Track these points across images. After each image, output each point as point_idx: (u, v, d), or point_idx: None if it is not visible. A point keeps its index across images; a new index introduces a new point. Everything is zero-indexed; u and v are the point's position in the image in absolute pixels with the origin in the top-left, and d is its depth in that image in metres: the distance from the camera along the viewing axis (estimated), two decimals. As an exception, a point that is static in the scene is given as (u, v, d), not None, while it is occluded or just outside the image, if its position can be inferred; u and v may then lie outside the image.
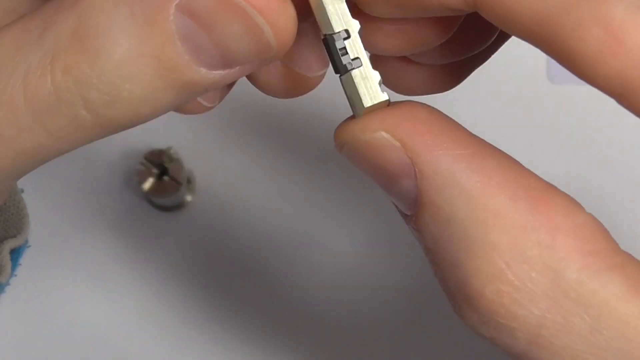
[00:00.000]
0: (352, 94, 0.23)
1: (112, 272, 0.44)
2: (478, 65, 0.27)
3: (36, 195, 0.43)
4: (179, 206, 0.45)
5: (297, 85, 0.26)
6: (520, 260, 0.20)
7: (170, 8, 0.21)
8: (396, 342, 0.42)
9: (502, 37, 0.26)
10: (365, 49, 0.23)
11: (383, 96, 0.23)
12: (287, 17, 0.22)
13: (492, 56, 0.26)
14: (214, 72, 0.22)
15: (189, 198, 0.45)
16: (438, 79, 0.26)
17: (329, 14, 0.22)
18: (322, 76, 0.26)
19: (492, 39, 0.26)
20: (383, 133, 0.22)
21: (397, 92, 0.26)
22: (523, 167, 0.22)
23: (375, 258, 0.44)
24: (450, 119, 0.23)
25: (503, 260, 0.20)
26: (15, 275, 0.41)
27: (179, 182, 0.43)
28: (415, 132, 0.22)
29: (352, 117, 0.23)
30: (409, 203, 0.22)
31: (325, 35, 0.23)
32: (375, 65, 0.23)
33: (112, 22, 0.21)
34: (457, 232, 0.21)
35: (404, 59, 0.26)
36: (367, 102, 0.23)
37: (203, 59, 0.22)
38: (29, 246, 0.42)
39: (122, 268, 0.44)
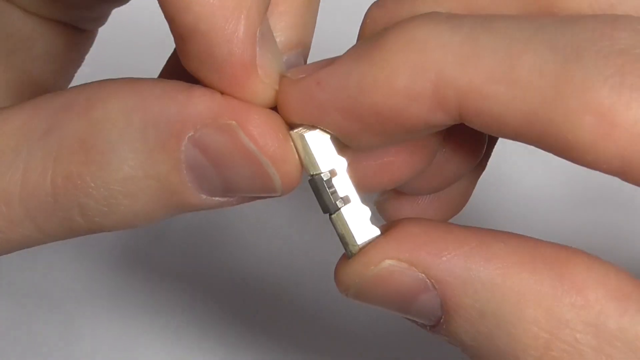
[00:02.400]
0: (344, 232, 0.23)
1: (110, 273, 0.44)
2: (472, 188, 0.27)
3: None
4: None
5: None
6: (561, 326, 0.21)
7: (183, 139, 0.21)
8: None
9: (487, 155, 0.26)
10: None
11: (375, 231, 0.23)
12: (295, 166, 0.22)
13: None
14: (214, 198, 0.22)
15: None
16: (438, 208, 0.27)
17: (314, 153, 0.22)
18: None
19: (480, 156, 0.26)
20: (388, 261, 0.22)
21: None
22: (527, 238, 0.22)
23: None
24: (439, 221, 0.23)
25: (546, 331, 0.21)
26: None
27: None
28: (418, 248, 0.22)
29: (344, 257, 0.23)
30: (432, 315, 0.22)
31: (312, 175, 0.23)
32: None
33: (122, 139, 0.21)
34: (493, 322, 0.21)
35: (400, 193, 0.26)
36: (361, 239, 0.22)
37: (206, 187, 0.22)
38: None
39: (120, 270, 0.44)
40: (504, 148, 0.28)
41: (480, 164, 0.26)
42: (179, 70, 0.23)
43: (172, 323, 0.42)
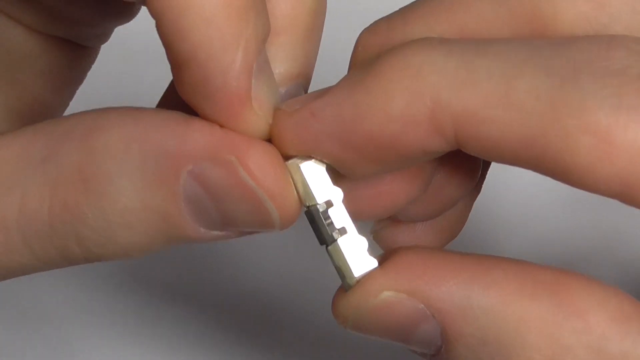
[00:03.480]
0: (340, 264, 0.22)
1: (108, 276, 0.44)
2: (468, 212, 0.27)
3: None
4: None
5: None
6: (563, 352, 0.21)
7: (182, 172, 0.21)
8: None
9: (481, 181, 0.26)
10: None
11: (373, 262, 0.22)
12: (293, 201, 0.22)
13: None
14: (212, 232, 0.22)
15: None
16: (435, 234, 0.26)
17: (310, 184, 0.22)
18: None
19: (476, 181, 0.25)
20: (386, 292, 0.22)
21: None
22: (526, 263, 0.22)
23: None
24: (436, 249, 0.23)
25: (548, 357, 0.21)
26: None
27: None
28: (416, 278, 0.22)
29: (342, 289, 0.23)
30: (432, 345, 0.22)
31: (308, 206, 0.22)
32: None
33: (121, 169, 0.21)
34: (495, 350, 0.21)
35: (397, 221, 0.26)
36: (358, 271, 0.22)
37: (204, 221, 0.22)
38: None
39: (118, 273, 0.44)
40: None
41: (476, 187, 0.26)
42: (178, 97, 0.22)
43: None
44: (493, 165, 0.28)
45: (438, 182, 0.25)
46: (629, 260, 0.43)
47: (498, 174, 0.42)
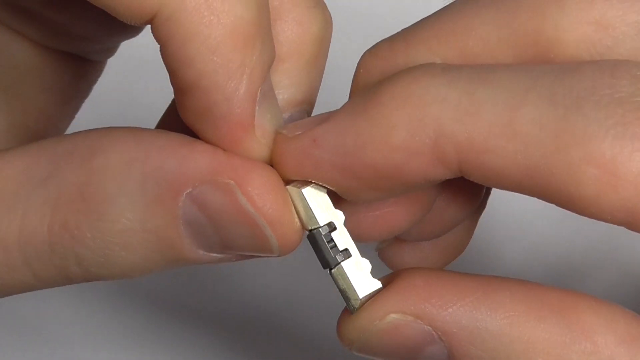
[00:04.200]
0: (345, 287, 0.22)
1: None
2: (473, 229, 0.27)
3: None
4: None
5: None
6: None
7: (181, 194, 0.21)
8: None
9: (487, 195, 0.26)
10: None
11: (376, 284, 0.22)
12: (293, 228, 0.22)
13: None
14: (211, 254, 0.22)
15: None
16: (440, 252, 0.26)
17: (312, 208, 0.22)
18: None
19: (480, 200, 0.25)
20: (393, 315, 0.22)
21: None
22: (532, 284, 0.22)
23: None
24: (442, 270, 0.23)
25: None
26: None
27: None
28: (423, 300, 0.21)
29: (346, 311, 0.23)
30: None
31: (310, 230, 0.22)
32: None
33: (121, 190, 0.21)
34: None
35: (401, 239, 0.26)
36: (363, 293, 0.22)
37: (203, 243, 0.22)
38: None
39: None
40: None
41: (481, 204, 0.26)
42: (179, 118, 0.22)
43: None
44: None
45: (441, 204, 0.25)
46: (629, 263, 0.43)
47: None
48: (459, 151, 0.20)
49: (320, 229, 0.22)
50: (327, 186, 0.22)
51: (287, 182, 0.22)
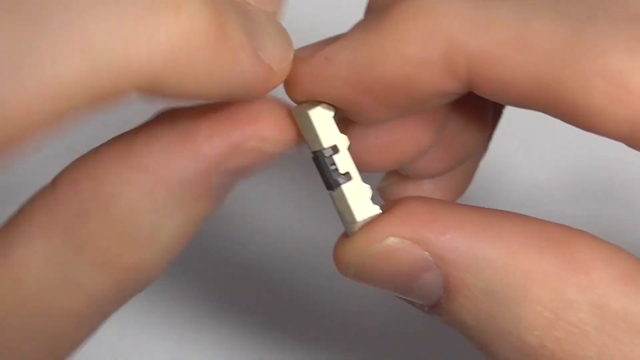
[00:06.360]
0: (344, 209, 0.23)
1: None
2: (474, 170, 0.27)
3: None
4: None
5: None
6: (566, 307, 0.21)
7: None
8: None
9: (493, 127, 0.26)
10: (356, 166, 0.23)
11: (375, 209, 0.22)
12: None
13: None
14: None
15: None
16: (441, 191, 0.27)
17: (317, 130, 0.22)
18: None
19: (486, 135, 0.26)
20: (392, 238, 0.22)
21: None
22: (532, 218, 0.22)
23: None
24: (443, 200, 0.23)
25: (551, 311, 0.21)
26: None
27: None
28: (423, 226, 0.22)
29: (345, 236, 0.23)
30: (433, 295, 0.22)
31: (314, 152, 0.23)
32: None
33: None
34: (497, 302, 0.21)
35: (404, 177, 0.26)
36: (361, 216, 0.22)
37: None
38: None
39: None
40: (497, 145, 0.29)
41: (483, 145, 0.26)
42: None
43: (169, 316, 0.42)
44: (488, 161, 0.28)
45: (448, 134, 0.25)
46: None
47: (492, 170, 0.42)
48: (470, 62, 0.21)
49: (323, 151, 0.23)
50: (338, 106, 0.22)
51: (299, 103, 0.23)
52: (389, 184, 0.27)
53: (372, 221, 0.22)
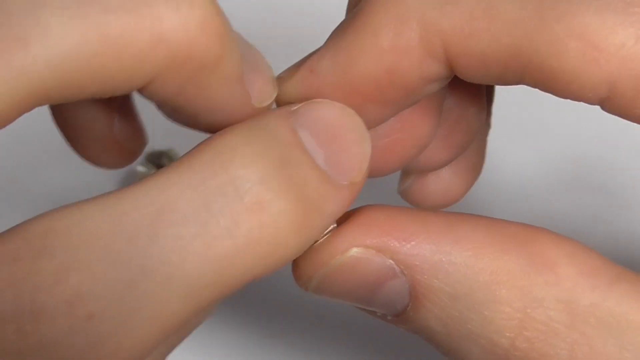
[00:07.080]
0: None
1: None
2: (484, 145, 0.27)
3: (35, 196, 0.43)
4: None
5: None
6: (535, 305, 0.20)
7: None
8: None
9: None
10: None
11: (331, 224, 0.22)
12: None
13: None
14: None
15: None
16: (461, 174, 0.26)
17: None
18: None
19: (483, 112, 0.25)
20: (355, 249, 0.21)
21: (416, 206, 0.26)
22: (494, 219, 0.22)
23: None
24: (403, 207, 0.22)
25: (520, 311, 0.20)
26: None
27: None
28: (386, 234, 0.21)
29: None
30: (398, 304, 0.21)
31: None
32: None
33: None
34: (465, 305, 0.21)
35: (422, 173, 0.26)
36: None
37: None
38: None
39: None
40: (489, 141, 0.28)
41: (486, 122, 0.26)
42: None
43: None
44: (488, 160, 0.28)
45: (447, 122, 0.25)
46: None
47: (493, 167, 0.42)
48: (444, 40, 0.21)
49: None
50: None
51: None
52: (408, 185, 0.27)
53: (334, 233, 0.21)
